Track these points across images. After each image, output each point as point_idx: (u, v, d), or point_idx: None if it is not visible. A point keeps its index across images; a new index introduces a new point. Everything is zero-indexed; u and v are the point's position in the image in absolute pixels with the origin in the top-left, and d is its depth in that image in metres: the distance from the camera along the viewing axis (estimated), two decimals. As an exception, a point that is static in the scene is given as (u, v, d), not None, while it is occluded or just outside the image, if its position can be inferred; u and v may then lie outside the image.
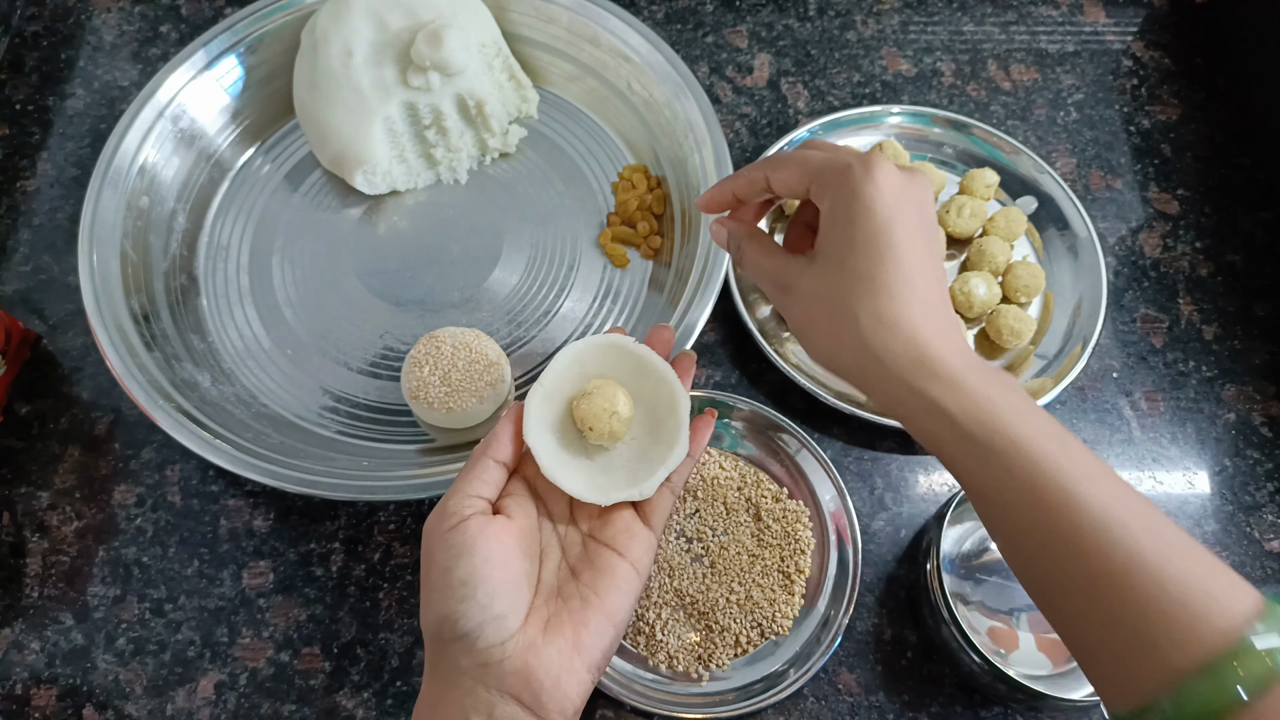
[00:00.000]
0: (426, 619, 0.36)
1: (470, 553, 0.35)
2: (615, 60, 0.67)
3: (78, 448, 0.59)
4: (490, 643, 0.34)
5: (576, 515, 0.41)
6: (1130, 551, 0.31)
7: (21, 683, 0.53)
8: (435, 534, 0.36)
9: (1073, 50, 0.76)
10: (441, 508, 0.37)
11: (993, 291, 0.62)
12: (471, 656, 0.34)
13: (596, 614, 0.36)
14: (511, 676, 0.34)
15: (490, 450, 0.39)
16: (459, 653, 0.34)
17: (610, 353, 0.43)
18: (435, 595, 0.35)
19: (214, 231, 0.66)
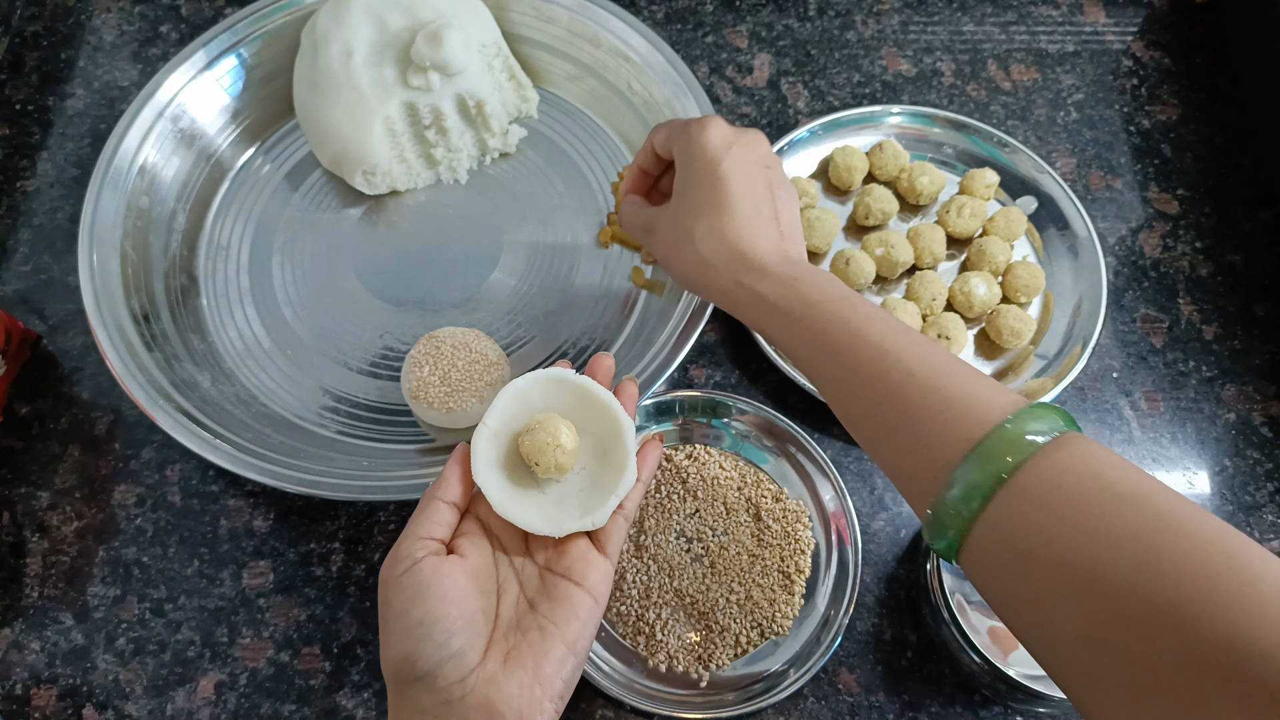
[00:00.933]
0: (386, 662, 0.36)
1: (425, 593, 0.35)
2: (615, 60, 0.67)
3: (78, 448, 0.59)
4: (450, 680, 0.34)
5: (532, 548, 0.41)
6: (905, 371, 0.37)
7: (21, 683, 0.53)
8: (390, 579, 0.36)
9: (1073, 50, 0.76)
10: (394, 552, 0.37)
11: (993, 291, 0.62)
12: (433, 695, 0.34)
13: (556, 644, 0.37)
14: (474, 711, 0.34)
15: (439, 492, 0.40)
16: (420, 693, 0.34)
17: (553, 386, 0.44)
18: (393, 638, 0.35)
19: (214, 231, 0.66)
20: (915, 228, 0.64)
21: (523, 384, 0.43)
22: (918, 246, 0.63)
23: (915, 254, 0.63)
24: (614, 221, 0.66)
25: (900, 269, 0.63)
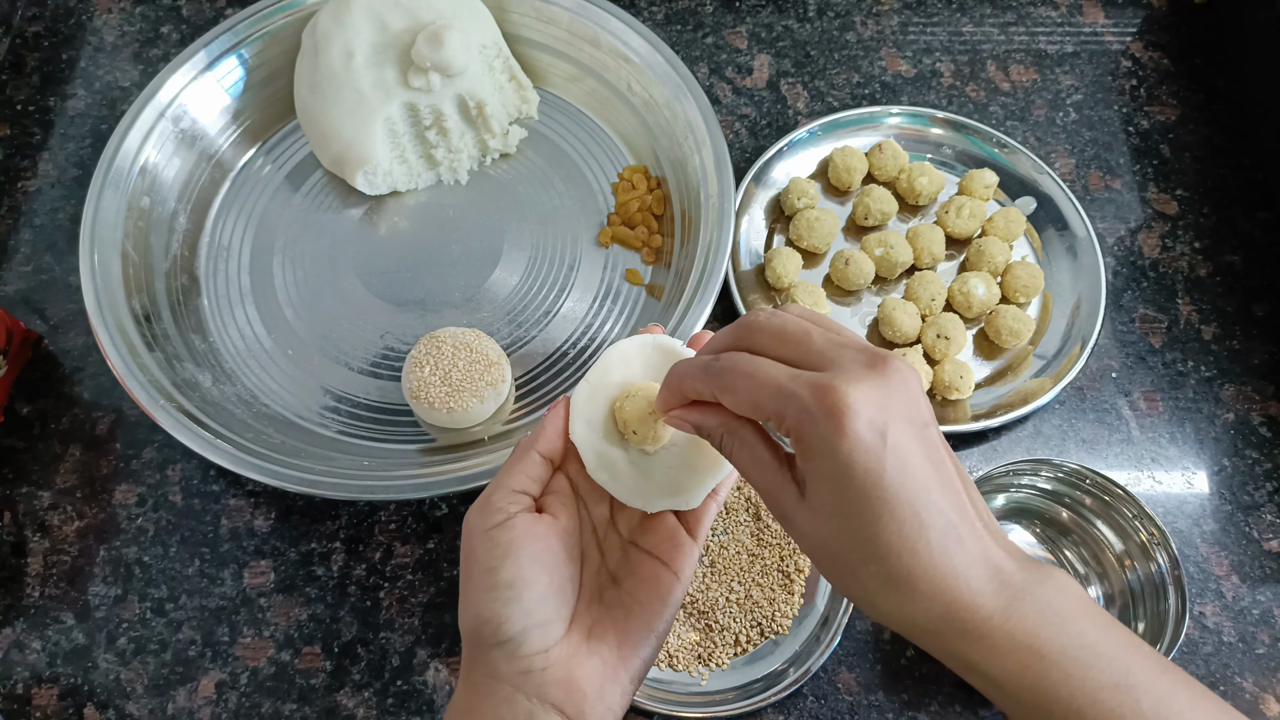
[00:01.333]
0: (465, 619, 0.34)
1: (516, 553, 0.33)
2: (615, 61, 0.67)
3: (79, 447, 0.60)
4: (534, 650, 0.33)
5: (616, 519, 0.38)
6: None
7: (23, 682, 0.53)
8: (478, 530, 0.34)
9: (1072, 51, 0.76)
10: (485, 502, 0.35)
11: (992, 292, 0.62)
12: (513, 663, 0.32)
13: (639, 623, 0.35)
14: (554, 686, 0.32)
15: (538, 444, 0.37)
16: (499, 659, 0.33)
17: (657, 354, 0.40)
18: (476, 596, 0.33)
19: (215, 232, 0.66)
20: (914, 228, 0.64)
21: (626, 346, 0.39)
22: (917, 247, 0.63)
23: (914, 254, 0.63)
24: (614, 222, 0.66)
25: (899, 269, 0.63)
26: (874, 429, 0.28)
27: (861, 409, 0.28)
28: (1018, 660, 0.28)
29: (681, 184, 0.65)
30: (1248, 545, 0.57)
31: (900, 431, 0.29)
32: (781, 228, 0.67)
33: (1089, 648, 0.28)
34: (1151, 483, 0.60)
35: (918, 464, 0.29)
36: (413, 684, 0.53)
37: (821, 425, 0.29)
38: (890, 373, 0.30)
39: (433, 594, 0.55)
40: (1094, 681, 0.28)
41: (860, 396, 0.29)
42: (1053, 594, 0.29)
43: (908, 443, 0.29)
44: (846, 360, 0.30)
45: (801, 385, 0.29)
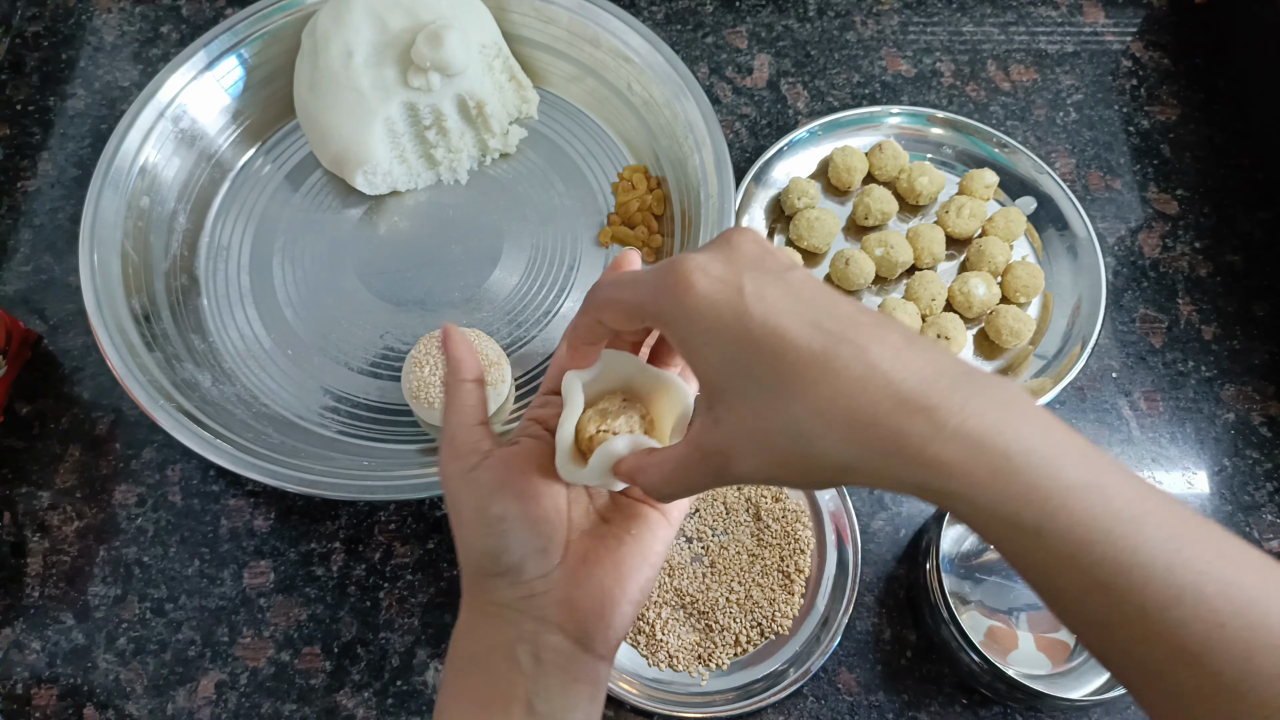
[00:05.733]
0: (464, 554, 0.35)
1: (502, 488, 0.34)
2: (615, 61, 0.67)
3: (78, 448, 0.60)
4: (533, 574, 0.33)
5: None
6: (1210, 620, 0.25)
7: (22, 682, 0.53)
8: (457, 475, 0.34)
9: (1072, 51, 0.76)
10: (453, 447, 0.35)
11: (992, 292, 0.62)
12: (515, 589, 0.33)
13: (632, 551, 0.35)
14: (556, 607, 0.33)
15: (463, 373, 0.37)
16: (501, 586, 0.33)
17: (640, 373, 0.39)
18: (471, 532, 0.34)
19: (215, 232, 0.66)
20: (915, 228, 0.64)
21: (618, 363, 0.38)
22: (917, 247, 0.63)
23: (915, 254, 0.63)
24: (614, 222, 0.66)
25: (900, 269, 0.63)
26: (725, 280, 0.28)
27: (707, 266, 0.28)
28: (986, 463, 0.26)
29: (681, 184, 0.65)
30: (1248, 545, 0.57)
31: (756, 277, 0.28)
32: (782, 228, 0.67)
33: (1056, 444, 0.26)
34: (1152, 482, 0.59)
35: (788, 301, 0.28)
36: (413, 684, 0.53)
37: (674, 296, 0.29)
38: (729, 236, 0.30)
39: (433, 594, 0.55)
40: (1065, 480, 0.26)
41: (701, 260, 0.29)
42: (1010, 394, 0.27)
43: (770, 284, 0.28)
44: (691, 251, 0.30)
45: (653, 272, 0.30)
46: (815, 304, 0.28)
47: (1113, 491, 0.26)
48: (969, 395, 0.26)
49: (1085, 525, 0.26)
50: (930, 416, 0.26)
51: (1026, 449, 0.26)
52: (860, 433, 0.27)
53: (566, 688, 0.33)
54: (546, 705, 0.32)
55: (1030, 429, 0.26)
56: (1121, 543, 0.25)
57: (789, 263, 0.30)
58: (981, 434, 0.26)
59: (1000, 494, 0.26)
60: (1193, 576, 0.25)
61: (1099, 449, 0.27)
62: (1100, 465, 0.27)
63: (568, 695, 0.33)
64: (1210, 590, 0.25)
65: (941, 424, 0.26)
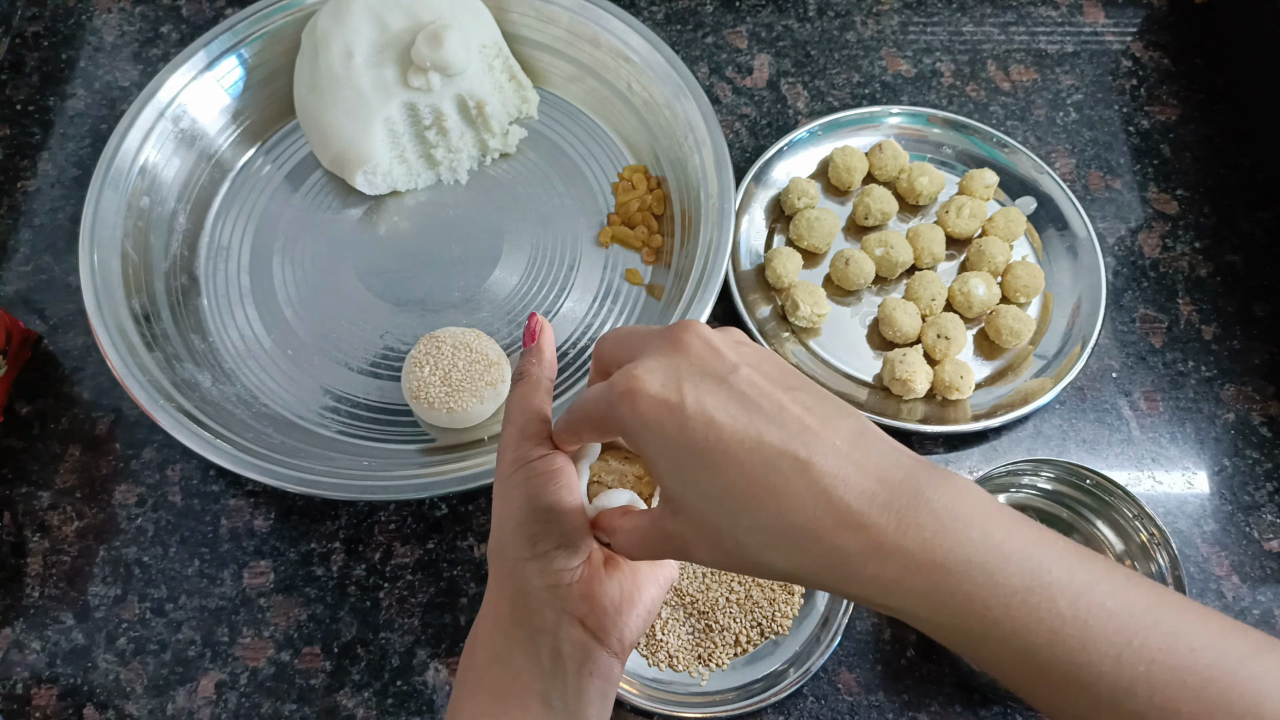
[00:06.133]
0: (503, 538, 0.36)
1: (554, 482, 0.36)
2: (615, 61, 0.67)
3: (78, 448, 0.60)
4: (563, 565, 0.35)
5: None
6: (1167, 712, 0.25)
7: (22, 682, 0.53)
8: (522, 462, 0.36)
9: (1072, 51, 0.76)
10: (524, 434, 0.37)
11: (992, 292, 0.62)
12: (544, 576, 0.35)
13: (643, 567, 0.37)
14: (579, 600, 0.34)
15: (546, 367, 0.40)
16: (533, 573, 0.35)
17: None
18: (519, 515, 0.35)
19: (215, 232, 0.66)
20: (915, 228, 0.64)
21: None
22: (917, 247, 0.63)
23: (915, 254, 0.63)
24: (614, 222, 0.66)
25: (900, 269, 0.63)
26: (667, 395, 0.29)
27: (648, 381, 0.29)
28: (924, 579, 0.26)
29: (681, 184, 0.65)
30: (1248, 545, 0.57)
31: (695, 386, 0.29)
32: (781, 228, 0.67)
33: (995, 550, 0.26)
34: (1152, 483, 0.60)
35: (729, 410, 0.29)
36: (413, 684, 0.53)
37: (621, 408, 0.30)
38: (678, 337, 0.31)
39: (433, 594, 0.55)
40: (1005, 587, 0.26)
41: (645, 369, 0.30)
42: (949, 498, 0.27)
43: (709, 395, 0.29)
44: (648, 345, 0.32)
45: (607, 385, 0.31)
46: (759, 410, 0.29)
47: (1056, 591, 0.26)
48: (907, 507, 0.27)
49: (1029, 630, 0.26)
50: (868, 535, 0.27)
51: (964, 559, 0.26)
52: (803, 548, 0.28)
53: (581, 684, 0.34)
54: (561, 702, 0.33)
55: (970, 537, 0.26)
56: (1069, 642, 0.26)
57: (732, 363, 0.30)
58: (918, 550, 0.26)
59: (940, 606, 0.27)
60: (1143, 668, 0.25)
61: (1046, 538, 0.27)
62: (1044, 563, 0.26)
63: (582, 692, 0.34)
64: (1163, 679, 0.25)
65: (878, 543, 0.27)
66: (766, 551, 0.29)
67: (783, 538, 0.28)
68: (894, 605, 0.27)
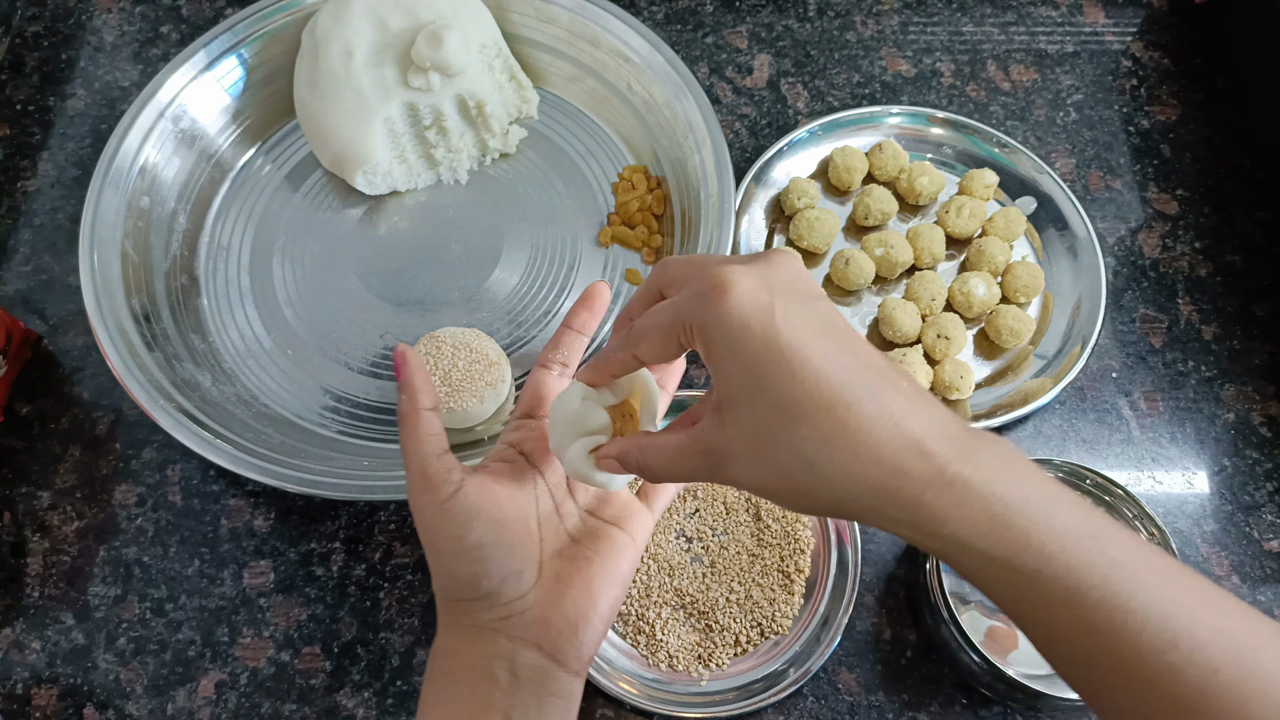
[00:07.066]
0: (441, 581, 0.36)
1: (477, 517, 0.35)
2: (615, 61, 0.67)
3: (78, 447, 0.60)
4: (510, 597, 0.35)
5: (574, 490, 0.41)
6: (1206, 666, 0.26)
7: (22, 682, 0.53)
8: (432, 505, 0.35)
9: (1072, 51, 0.76)
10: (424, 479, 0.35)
11: (992, 292, 0.62)
12: (493, 612, 0.35)
13: (601, 571, 0.37)
14: (532, 625, 0.34)
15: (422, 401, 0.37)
16: (479, 610, 0.35)
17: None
18: (448, 560, 0.35)
19: (215, 232, 0.66)
20: (915, 228, 0.64)
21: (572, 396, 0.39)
22: (917, 247, 0.63)
23: (915, 254, 0.63)
24: (614, 222, 0.66)
25: (900, 269, 0.63)
26: (759, 296, 0.29)
27: (742, 281, 0.29)
28: (984, 508, 0.27)
29: (681, 184, 0.65)
30: (1248, 545, 0.57)
31: (788, 300, 0.29)
32: (781, 228, 0.67)
33: (1052, 495, 0.28)
34: (1152, 483, 0.60)
35: (816, 327, 0.29)
36: (413, 684, 0.53)
37: (709, 303, 0.29)
38: (770, 256, 0.31)
39: (432, 594, 0.55)
40: (1061, 527, 0.27)
41: (740, 273, 0.30)
42: (1005, 450, 0.29)
43: (799, 309, 0.29)
44: (734, 260, 0.31)
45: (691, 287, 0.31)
46: (839, 338, 0.29)
47: (1108, 540, 0.27)
48: (969, 448, 0.28)
49: (1083, 570, 0.27)
50: (931, 461, 0.27)
51: (1023, 497, 0.27)
52: (863, 466, 0.28)
53: (542, 702, 0.34)
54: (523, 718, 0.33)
55: (1027, 481, 0.28)
56: (1118, 588, 0.26)
57: (820, 293, 0.31)
58: (980, 482, 0.27)
59: (997, 538, 0.27)
60: (1186, 623, 0.26)
61: (1093, 505, 0.29)
62: (1095, 516, 0.28)
63: (543, 710, 0.34)
64: (1203, 637, 0.26)
65: (942, 469, 0.27)
66: (823, 465, 0.28)
67: (846, 452, 0.28)
68: (947, 533, 0.28)
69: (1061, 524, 0.27)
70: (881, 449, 0.28)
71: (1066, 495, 0.28)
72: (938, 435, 0.28)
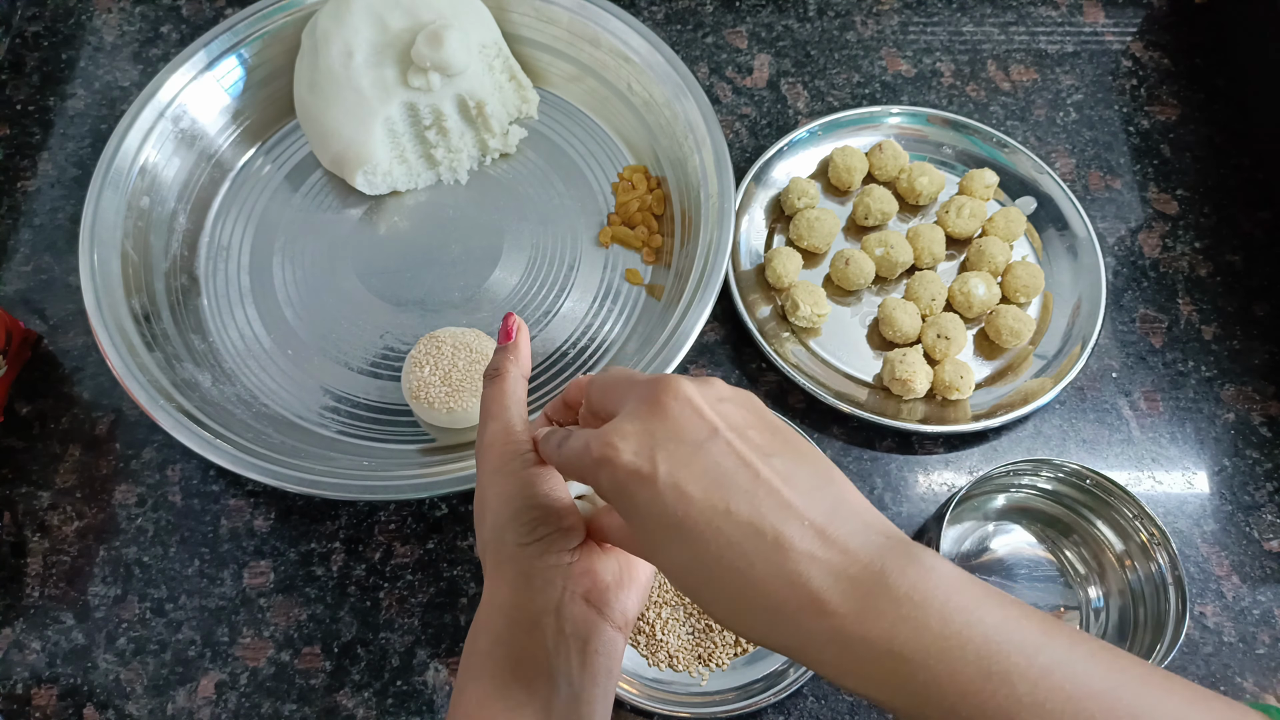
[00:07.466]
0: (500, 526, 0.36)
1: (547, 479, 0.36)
2: (615, 61, 0.67)
3: (78, 448, 0.60)
4: (564, 546, 0.35)
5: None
6: None
7: (22, 682, 0.53)
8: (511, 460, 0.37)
9: (1072, 51, 0.76)
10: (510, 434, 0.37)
11: (992, 292, 0.62)
12: (545, 558, 0.35)
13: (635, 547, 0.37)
14: (581, 576, 0.35)
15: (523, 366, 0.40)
16: (533, 554, 0.35)
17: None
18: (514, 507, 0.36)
19: (215, 232, 0.66)
20: (915, 228, 0.64)
21: None
22: (917, 247, 0.63)
23: (915, 254, 0.63)
24: (614, 222, 0.66)
25: (900, 269, 0.63)
26: (639, 465, 0.29)
27: (622, 446, 0.29)
28: (882, 667, 0.27)
29: (681, 184, 0.65)
30: (1248, 545, 0.57)
31: (670, 455, 0.29)
32: (782, 228, 0.67)
33: (954, 638, 0.26)
34: (1152, 483, 0.60)
35: (701, 484, 0.28)
36: (413, 684, 0.53)
37: (599, 474, 0.30)
38: (657, 398, 0.30)
39: (432, 594, 0.55)
40: (961, 676, 0.26)
41: (620, 435, 0.30)
42: (911, 582, 0.27)
43: (682, 466, 0.29)
44: (629, 401, 0.31)
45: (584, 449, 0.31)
46: (731, 483, 0.28)
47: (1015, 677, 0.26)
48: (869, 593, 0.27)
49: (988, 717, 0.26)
50: (830, 622, 0.27)
51: (922, 649, 0.26)
52: (767, 624, 0.28)
53: (586, 661, 0.34)
54: (567, 681, 0.34)
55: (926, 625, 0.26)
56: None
57: (711, 426, 0.30)
58: (877, 638, 0.26)
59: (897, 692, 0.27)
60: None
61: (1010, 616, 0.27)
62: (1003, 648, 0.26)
63: (586, 670, 0.34)
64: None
65: (839, 629, 0.27)
66: (732, 620, 0.29)
67: (746, 613, 0.28)
68: (853, 688, 0.28)
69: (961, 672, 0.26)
70: (781, 610, 0.28)
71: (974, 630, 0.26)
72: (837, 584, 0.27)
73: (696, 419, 0.30)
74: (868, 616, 0.27)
